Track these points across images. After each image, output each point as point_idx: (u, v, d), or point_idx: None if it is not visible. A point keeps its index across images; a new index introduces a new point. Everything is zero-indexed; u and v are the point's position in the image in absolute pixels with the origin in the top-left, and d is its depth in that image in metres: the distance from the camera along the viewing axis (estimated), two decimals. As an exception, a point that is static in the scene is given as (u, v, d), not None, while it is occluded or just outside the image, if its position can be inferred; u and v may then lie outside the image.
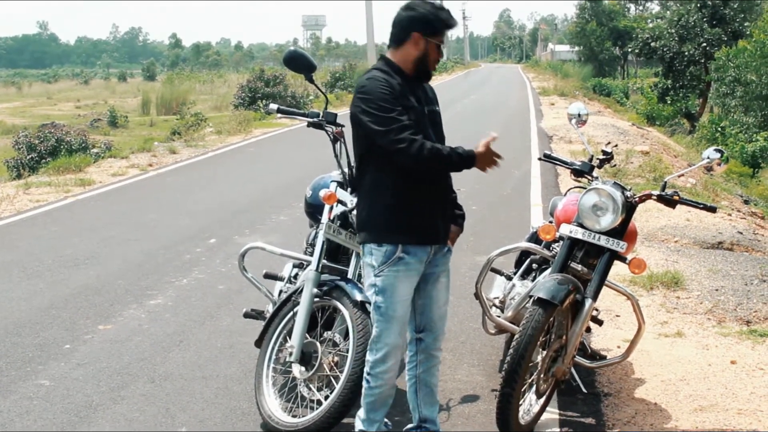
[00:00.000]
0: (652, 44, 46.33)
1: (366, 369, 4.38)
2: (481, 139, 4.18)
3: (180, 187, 13.68)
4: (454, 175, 4.42)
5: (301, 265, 5.58)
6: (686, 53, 43.81)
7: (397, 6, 4.36)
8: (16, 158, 18.51)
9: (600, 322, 5.74)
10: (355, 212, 4.54)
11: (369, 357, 4.37)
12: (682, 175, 10.55)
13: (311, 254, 5.19)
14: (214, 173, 15.29)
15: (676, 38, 44.45)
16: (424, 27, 4.18)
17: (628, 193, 4.96)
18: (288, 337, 4.93)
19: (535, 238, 5.80)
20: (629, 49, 58.96)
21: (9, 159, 18.86)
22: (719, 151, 5.02)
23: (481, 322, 5.82)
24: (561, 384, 5.00)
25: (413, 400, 4.58)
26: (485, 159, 4.18)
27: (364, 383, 4.41)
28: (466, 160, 4.15)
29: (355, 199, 4.77)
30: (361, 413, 4.49)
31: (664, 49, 45.14)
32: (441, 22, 4.21)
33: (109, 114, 38.08)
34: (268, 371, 5.00)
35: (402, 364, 4.61)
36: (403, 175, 4.18)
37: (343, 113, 5.04)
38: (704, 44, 43.02)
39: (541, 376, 4.81)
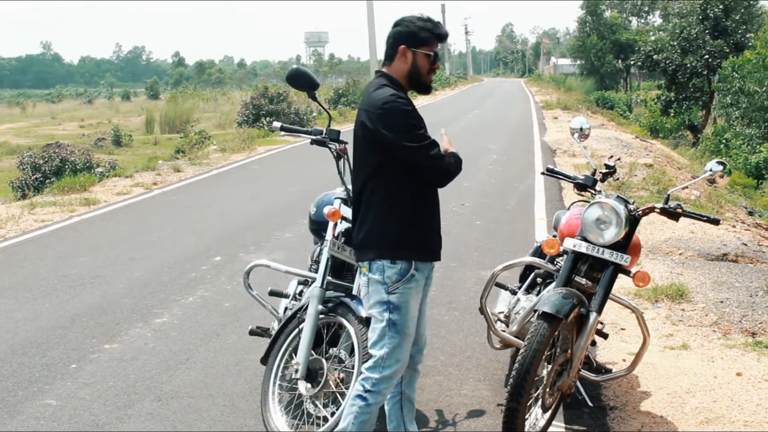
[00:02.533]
0: (655, 57, 46.33)
1: (366, 386, 4.26)
2: (444, 141, 4.36)
3: (184, 206, 13.71)
4: (456, 188, 4.41)
5: (306, 282, 5.58)
6: (689, 65, 43.83)
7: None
8: (21, 178, 18.59)
9: (605, 336, 5.74)
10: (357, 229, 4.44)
11: (374, 374, 4.25)
12: (686, 187, 10.56)
13: (316, 271, 5.20)
14: (219, 191, 15.32)
15: (679, 51, 44.48)
16: (408, 39, 4.25)
17: (631, 207, 4.97)
18: (294, 354, 4.93)
19: (539, 252, 5.81)
20: (632, 62, 59.03)
21: (14, 179, 18.95)
22: (722, 163, 5.02)
23: (486, 337, 5.82)
24: (567, 398, 5.00)
25: (398, 417, 4.54)
26: None
27: (359, 402, 4.27)
28: (461, 162, 4.37)
29: None
30: None
31: (667, 62, 45.16)
32: (426, 31, 4.25)
33: (113, 133, 38.25)
34: (274, 388, 5.01)
35: None
36: (419, 191, 4.26)
37: (346, 130, 5.07)
38: (707, 56, 43.06)
39: (547, 390, 4.81)
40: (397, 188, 4.22)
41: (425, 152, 4.11)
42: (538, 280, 5.74)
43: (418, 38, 4.24)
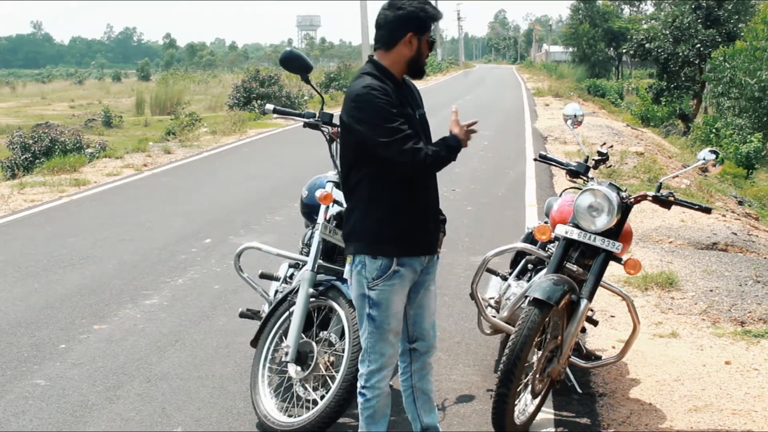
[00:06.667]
0: (647, 45, 46.36)
1: (360, 383, 4.24)
2: (451, 120, 4.19)
3: (175, 188, 13.67)
4: (447, 174, 4.31)
5: (296, 265, 5.57)
6: (681, 54, 43.86)
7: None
8: (11, 158, 18.49)
9: (595, 323, 5.75)
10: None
11: (363, 369, 4.21)
12: (677, 176, 10.61)
13: (307, 254, 5.19)
14: (209, 173, 15.29)
15: (671, 39, 44.50)
16: (416, 26, 4.02)
17: (623, 194, 4.97)
18: (284, 337, 4.93)
19: (530, 238, 5.80)
20: (624, 50, 59.02)
21: (3, 159, 18.84)
22: (714, 152, 5.03)
23: (477, 323, 5.83)
24: (556, 384, 5.01)
25: (412, 410, 4.45)
26: (464, 136, 4.13)
27: (359, 399, 4.25)
28: (456, 148, 4.08)
29: None
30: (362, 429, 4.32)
31: (659, 50, 45.18)
32: (429, 16, 4.05)
33: (103, 114, 38.08)
34: (263, 371, 5.01)
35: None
36: (401, 184, 4.06)
37: (338, 113, 5.04)
38: (698, 45, 43.10)
39: (537, 376, 4.82)
40: (377, 181, 4.05)
41: (396, 147, 3.89)
42: (530, 266, 5.74)
43: (423, 24, 4.04)
